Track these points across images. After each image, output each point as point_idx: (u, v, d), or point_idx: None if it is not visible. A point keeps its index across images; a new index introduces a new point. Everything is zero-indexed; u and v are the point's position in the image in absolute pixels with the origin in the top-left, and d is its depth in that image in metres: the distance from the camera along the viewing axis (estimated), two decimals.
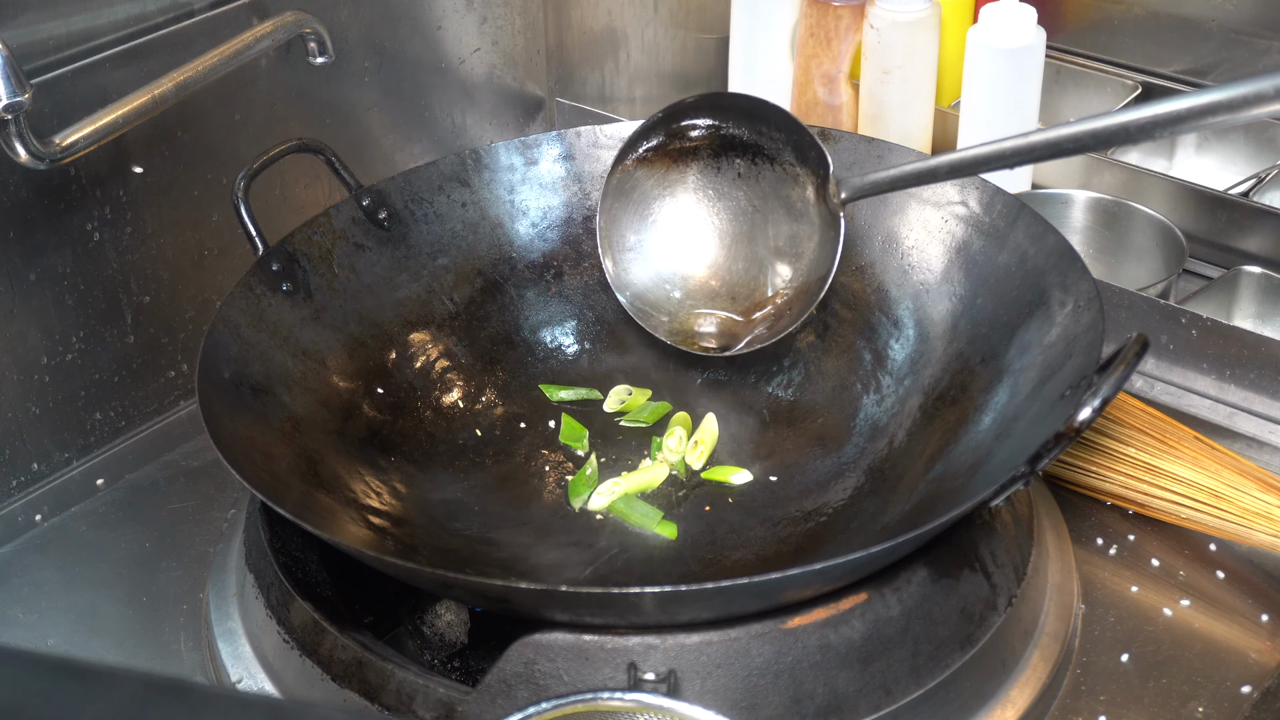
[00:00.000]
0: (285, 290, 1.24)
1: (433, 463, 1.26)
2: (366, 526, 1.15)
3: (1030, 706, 1.07)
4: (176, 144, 1.33)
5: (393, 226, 1.32)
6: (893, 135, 1.56)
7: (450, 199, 1.35)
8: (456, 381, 1.32)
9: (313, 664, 1.05)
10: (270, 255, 1.24)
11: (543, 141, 1.37)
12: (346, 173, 1.30)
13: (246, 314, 1.21)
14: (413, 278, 1.33)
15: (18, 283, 1.24)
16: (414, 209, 1.34)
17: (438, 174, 1.35)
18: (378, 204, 1.31)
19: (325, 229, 1.29)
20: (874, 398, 1.27)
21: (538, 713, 0.90)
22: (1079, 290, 1.14)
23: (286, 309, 1.24)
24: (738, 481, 1.24)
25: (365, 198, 1.31)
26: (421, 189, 1.34)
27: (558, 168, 1.38)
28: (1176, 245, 1.45)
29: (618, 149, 1.30)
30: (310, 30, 1.36)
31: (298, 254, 1.27)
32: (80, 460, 1.33)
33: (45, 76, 1.21)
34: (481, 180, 1.36)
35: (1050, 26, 1.56)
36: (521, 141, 1.37)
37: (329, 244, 1.29)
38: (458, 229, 1.35)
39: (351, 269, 1.30)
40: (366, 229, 1.31)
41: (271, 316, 1.23)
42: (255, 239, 1.23)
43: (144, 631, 1.19)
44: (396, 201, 1.33)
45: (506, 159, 1.37)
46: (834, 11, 1.56)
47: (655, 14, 1.73)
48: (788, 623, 0.99)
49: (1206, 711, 1.09)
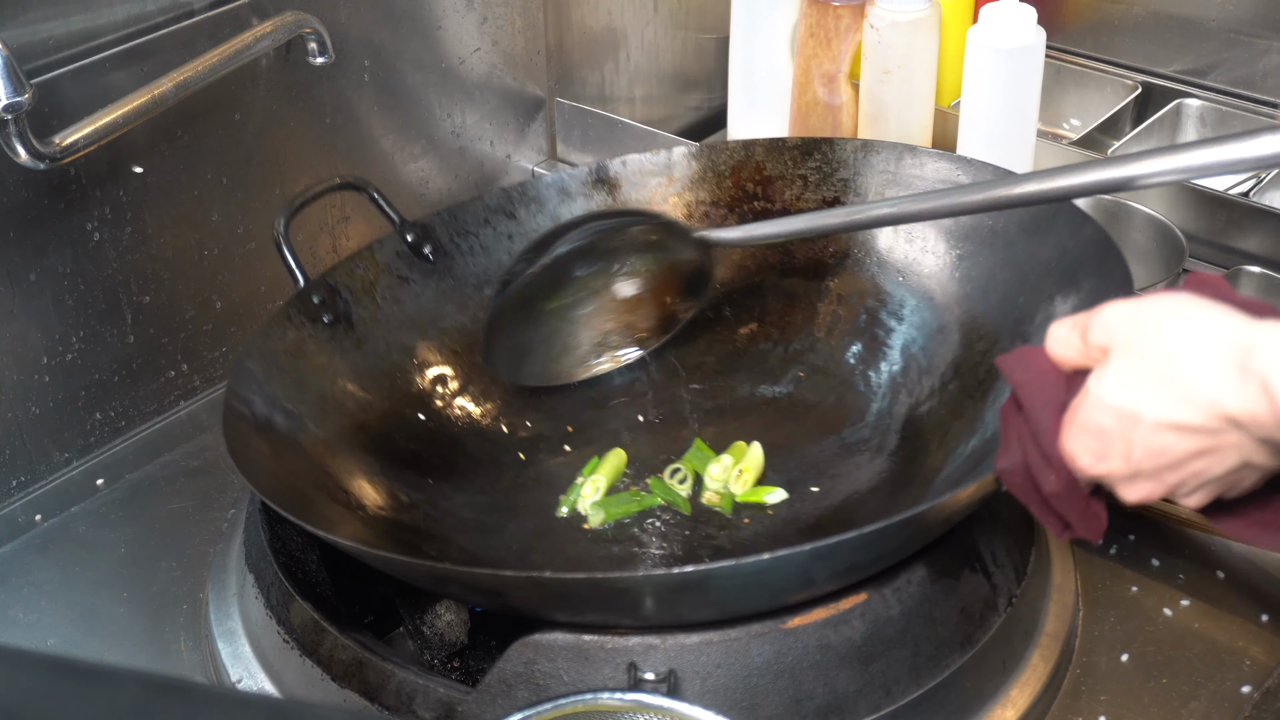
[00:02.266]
0: (325, 321, 1.25)
1: (468, 490, 1.25)
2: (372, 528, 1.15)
3: (1030, 706, 1.07)
4: (176, 144, 1.33)
5: (438, 259, 1.33)
6: (893, 135, 1.56)
7: (496, 231, 1.36)
8: (500, 407, 1.31)
9: (313, 664, 1.06)
10: (311, 288, 1.24)
11: (585, 171, 1.37)
12: (390, 209, 1.30)
13: (283, 342, 1.22)
14: (459, 309, 1.33)
15: (18, 283, 1.24)
16: (459, 242, 1.34)
17: (483, 208, 1.35)
18: (422, 238, 1.32)
19: (368, 263, 1.30)
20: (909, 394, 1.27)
21: (538, 713, 0.90)
22: (1108, 262, 1.14)
23: (326, 339, 1.25)
24: (772, 501, 1.22)
25: (409, 233, 1.31)
26: (467, 222, 1.35)
27: (604, 196, 1.38)
28: (1176, 245, 1.45)
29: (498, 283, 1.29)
30: (310, 30, 1.36)
31: (339, 286, 1.27)
32: (80, 460, 1.33)
33: (45, 76, 1.21)
34: (528, 212, 1.36)
35: (1050, 26, 1.56)
36: (568, 173, 1.37)
37: (372, 277, 1.30)
38: (504, 260, 1.34)
39: (395, 301, 1.30)
40: (410, 262, 1.32)
41: (311, 346, 1.24)
42: (297, 272, 1.24)
43: (144, 631, 1.19)
44: (441, 235, 1.33)
45: (552, 189, 1.37)
46: (834, 11, 1.56)
47: (655, 14, 1.73)
48: (788, 623, 0.99)
49: (1206, 711, 1.09)
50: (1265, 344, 0.76)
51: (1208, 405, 0.78)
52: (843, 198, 1.34)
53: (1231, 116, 1.62)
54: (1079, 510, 0.88)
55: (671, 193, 1.38)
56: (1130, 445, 0.81)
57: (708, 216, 1.37)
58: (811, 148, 1.35)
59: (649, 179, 1.38)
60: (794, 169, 1.36)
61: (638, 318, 1.33)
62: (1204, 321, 0.79)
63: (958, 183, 1.29)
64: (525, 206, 1.36)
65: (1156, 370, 0.79)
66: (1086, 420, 0.83)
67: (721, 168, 1.37)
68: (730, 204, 1.37)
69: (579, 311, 1.32)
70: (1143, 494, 0.84)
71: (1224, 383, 0.77)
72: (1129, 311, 0.82)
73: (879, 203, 1.14)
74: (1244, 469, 0.81)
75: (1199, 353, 0.78)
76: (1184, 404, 0.78)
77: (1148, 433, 0.80)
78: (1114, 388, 0.81)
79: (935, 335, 1.28)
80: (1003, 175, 1.21)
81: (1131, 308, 0.82)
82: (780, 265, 1.37)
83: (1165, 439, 0.80)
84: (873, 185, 1.33)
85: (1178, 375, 0.78)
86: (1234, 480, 0.82)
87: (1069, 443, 0.85)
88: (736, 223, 1.36)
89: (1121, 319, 0.83)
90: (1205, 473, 0.81)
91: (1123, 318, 0.83)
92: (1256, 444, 0.78)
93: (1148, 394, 0.80)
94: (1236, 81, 1.64)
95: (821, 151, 1.35)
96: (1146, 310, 0.82)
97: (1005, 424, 0.91)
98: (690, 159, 1.38)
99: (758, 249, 1.37)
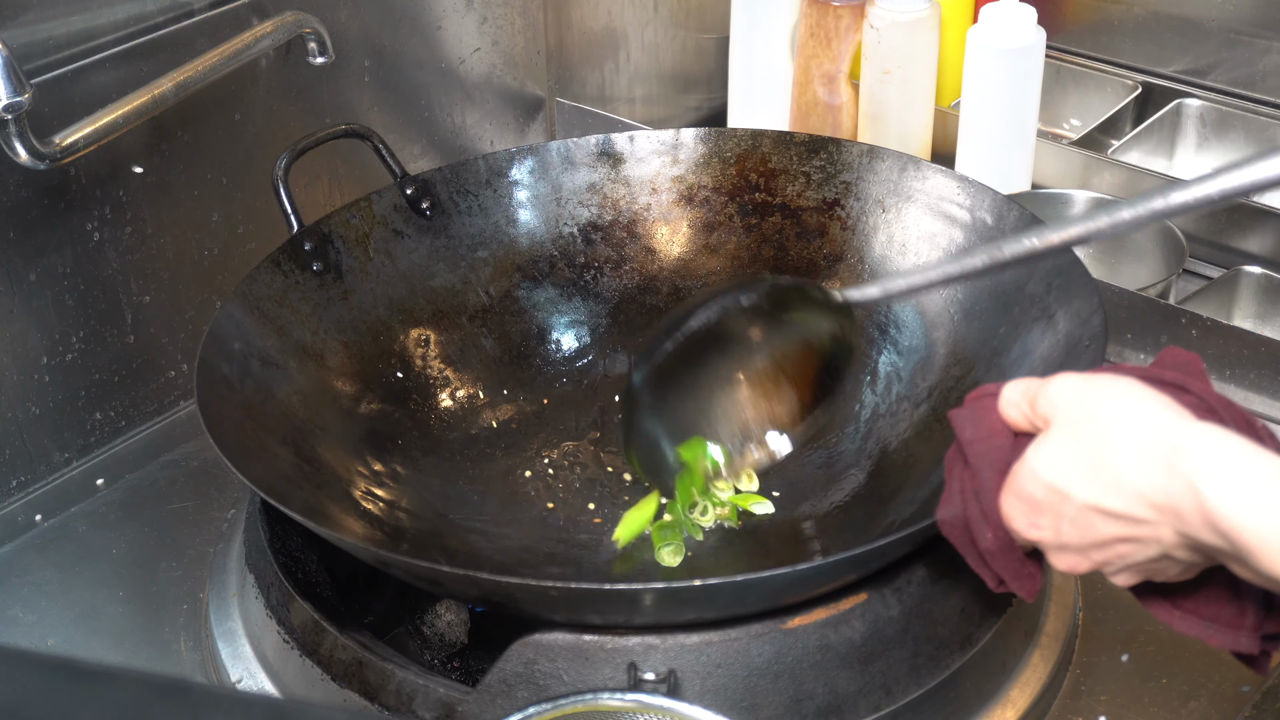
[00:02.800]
0: (315, 270, 1.25)
1: (439, 451, 1.26)
2: (362, 518, 1.15)
3: (1030, 706, 1.07)
4: (176, 144, 1.33)
5: (435, 216, 1.33)
6: (893, 135, 1.56)
7: (496, 193, 1.36)
8: (479, 372, 1.32)
9: (313, 664, 1.05)
10: (304, 234, 1.25)
11: (592, 142, 1.38)
12: (393, 160, 1.31)
13: (270, 288, 1.22)
14: (450, 268, 1.33)
15: (18, 283, 1.24)
16: (458, 201, 1.34)
17: (486, 168, 1.36)
18: (421, 193, 1.32)
19: (365, 214, 1.30)
20: (875, 404, 1.27)
21: (538, 713, 0.90)
22: (1083, 305, 1.14)
23: (314, 287, 1.25)
24: (759, 511, 1.21)
25: (409, 186, 1.31)
26: (468, 181, 1.35)
27: (607, 169, 1.38)
28: (1176, 245, 1.45)
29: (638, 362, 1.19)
30: (310, 30, 1.36)
31: (333, 235, 1.27)
32: (80, 460, 1.33)
33: (45, 76, 1.21)
34: (531, 177, 1.37)
35: (1050, 26, 1.56)
36: (573, 142, 1.37)
37: (366, 228, 1.30)
38: (501, 223, 1.35)
39: (387, 254, 1.30)
40: (407, 216, 1.32)
41: (295, 294, 1.24)
42: (291, 217, 1.24)
43: (144, 631, 1.19)
44: (441, 192, 1.33)
45: (557, 156, 1.37)
46: (834, 11, 1.56)
47: (655, 14, 1.73)
48: (788, 623, 0.99)
49: (1206, 711, 1.09)
50: (1192, 444, 0.77)
51: (1133, 494, 0.79)
52: (843, 200, 1.34)
53: (1231, 116, 1.62)
54: (1013, 569, 0.91)
55: (674, 174, 1.38)
56: (1060, 519, 0.83)
57: (708, 202, 1.37)
58: (818, 146, 1.35)
59: (654, 157, 1.38)
60: (799, 165, 1.36)
61: (776, 401, 1.20)
62: (1142, 413, 0.80)
63: (954, 200, 1.28)
64: (528, 171, 1.37)
65: (1090, 453, 0.81)
66: (1020, 488, 0.85)
67: (727, 154, 1.37)
68: (732, 192, 1.37)
69: (717, 403, 1.19)
70: (1068, 565, 0.86)
71: (1151, 475, 0.78)
72: (1075, 388, 0.84)
73: (1011, 240, 1.05)
74: (1164, 560, 0.82)
75: (1131, 443, 0.79)
76: (1111, 490, 0.80)
77: (1076, 511, 0.82)
78: (1048, 463, 0.83)
79: (912, 351, 1.28)
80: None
81: (1079, 385, 0.84)
82: (774, 260, 1.37)
83: (1092, 519, 0.82)
84: (873, 193, 1.33)
85: (1108, 461, 0.80)
86: (1158, 569, 0.84)
87: (1005, 505, 0.87)
88: (735, 211, 1.37)
89: (1066, 395, 0.84)
90: (1129, 557, 0.83)
91: (1068, 394, 0.84)
92: (1178, 538, 0.79)
93: (1078, 474, 0.81)
94: (1236, 81, 1.64)
95: (828, 151, 1.35)
96: (1091, 390, 0.83)
97: (949, 474, 0.93)
98: (698, 142, 1.38)
99: (751, 242, 1.37)
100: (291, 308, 1.23)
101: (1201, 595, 0.86)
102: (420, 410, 1.27)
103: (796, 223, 1.36)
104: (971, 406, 0.91)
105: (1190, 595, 0.87)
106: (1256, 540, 0.74)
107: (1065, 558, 0.85)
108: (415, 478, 1.22)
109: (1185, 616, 0.87)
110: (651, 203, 1.38)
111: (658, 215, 1.38)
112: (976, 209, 1.27)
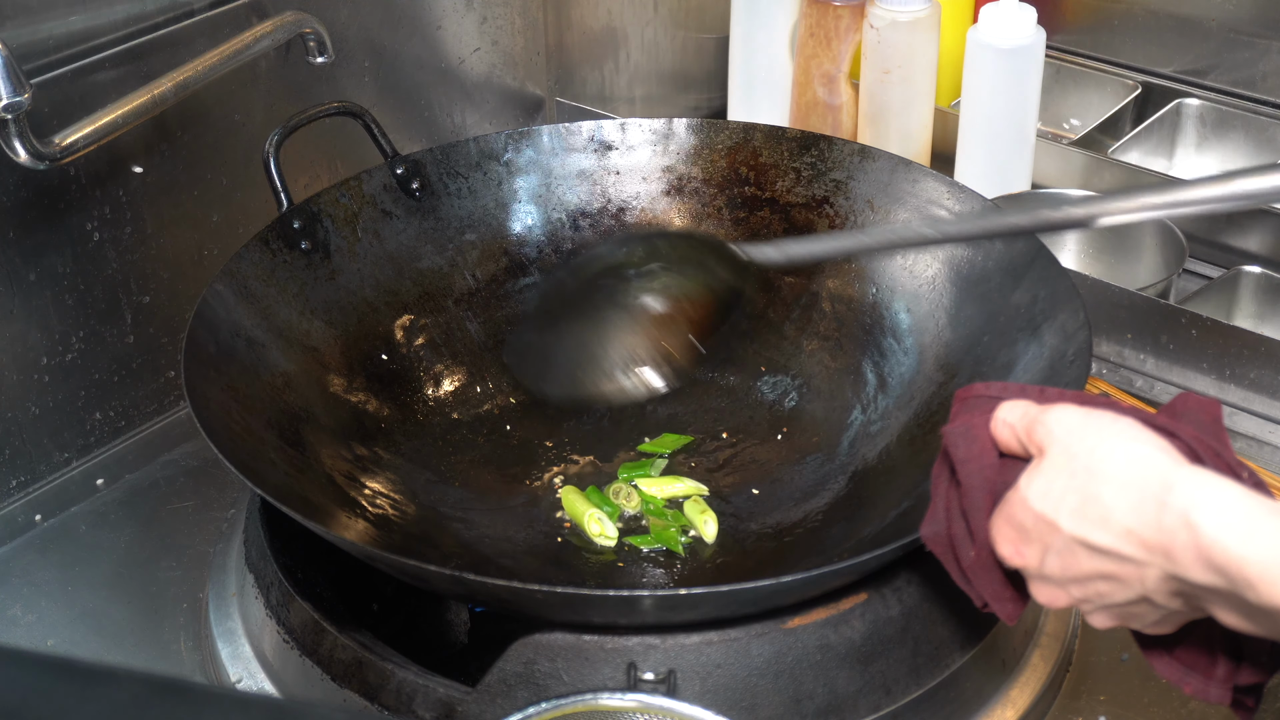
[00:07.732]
0: (303, 249, 1.25)
1: (424, 437, 1.26)
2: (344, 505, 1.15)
3: (1030, 706, 1.07)
4: (176, 144, 1.33)
5: (424, 197, 1.33)
6: (893, 135, 1.56)
7: (486, 175, 1.36)
8: (464, 357, 1.32)
9: (313, 664, 1.05)
10: (293, 212, 1.25)
11: (584, 129, 1.38)
12: (384, 139, 1.31)
13: (258, 267, 1.22)
14: (437, 250, 1.33)
15: (18, 283, 1.24)
16: (448, 182, 1.35)
17: (477, 151, 1.36)
18: (411, 173, 1.32)
19: (354, 193, 1.30)
20: (862, 412, 1.27)
21: (538, 713, 0.90)
22: (1068, 320, 1.14)
23: (301, 266, 1.25)
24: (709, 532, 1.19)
25: (400, 165, 1.31)
26: (458, 163, 1.35)
27: (597, 155, 1.38)
28: (1176, 245, 1.45)
29: None
30: (310, 30, 1.36)
31: (322, 214, 1.28)
32: (80, 460, 1.33)
33: (45, 76, 1.21)
34: (521, 161, 1.37)
35: (1050, 26, 1.56)
36: (565, 127, 1.38)
37: (356, 207, 1.30)
38: (490, 206, 1.36)
39: (375, 235, 1.31)
40: (397, 197, 1.32)
41: (283, 272, 1.24)
42: (281, 194, 1.24)
43: (144, 631, 1.19)
44: (431, 173, 1.34)
45: (549, 142, 1.37)
46: (834, 11, 1.56)
47: (655, 14, 1.73)
48: (788, 623, 0.99)
49: (1206, 711, 1.09)
50: (1186, 483, 0.78)
51: (1121, 531, 0.79)
52: (832, 198, 1.34)
53: (1231, 116, 1.62)
54: (994, 590, 0.91)
55: (664, 163, 1.38)
56: (1045, 549, 0.84)
57: (697, 193, 1.38)
58: (810, 142, 1.35)
59: (645, 146, 1.38)
60: (789, 160, 1.36)
61: (666, 334, 1.25)
62: (1138, 453, 0.80)
63: (943, 204, 1.28)
64: (519, 155, 1.37)
65: (1082, 488, 0.81)
66: (1010, 514, 0.85)
67: (719, 146, 1.37)
68: (721, 184, 1.37)
69: (606, 326, 1.26)
70: (1047, 598, 0.86)
71: (1142, 513, 0.79)
72: (1075, 422, 0.84)
73: (922, 224, 1.10)
74: (1142, 604, 0.82)
75: (1123, 480, 0.80)
76: (1099, 525, 0.80)
77: (1062, 543, 0.82)
78: (1040, 493, 0.83)
79: (897, 355, 1.28)
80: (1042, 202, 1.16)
81: (1078, 419, 0.84)
82: None
83: (1076, 552, 0.82)
84: (863, 192, 1.33)
85: (1099, 497, 0.80)
86: (1135, 613, 0.84)
87: (994, 530, 0.87)
88: (725, 203, 1.37)
89: (1065, 427, 0.84)
90: (1108, 596, 0.83)
91: (1066, 426, 0.84)
92: (1162, 580, 0.79)
93: (1069, 507, 0.82)
94: (1236, 81, 1.64)
95: (819, 148, 1.35)
96: (1091, 426, 0.83)
97: (935, 489, 0.93)
98: (690, 132, 1.38)
99: (739, 235, 1.36)
100: (279, 286, 1.23)
101: (1181, 642, 0.87)
102: (405, 395, 1.28)
103: (785, 218, 1.36)
104: (965, 425, 0.90)
105: (1171, 640, 0.87)
106: (1257, 570, 0.74)
107: (1045, 589, 0.86)
108: (399, 464, 1.22)
109: (1168, 660, 0.88)
110: (641, 191, 1.38)
111: (646, 204, 1.38)
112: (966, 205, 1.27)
